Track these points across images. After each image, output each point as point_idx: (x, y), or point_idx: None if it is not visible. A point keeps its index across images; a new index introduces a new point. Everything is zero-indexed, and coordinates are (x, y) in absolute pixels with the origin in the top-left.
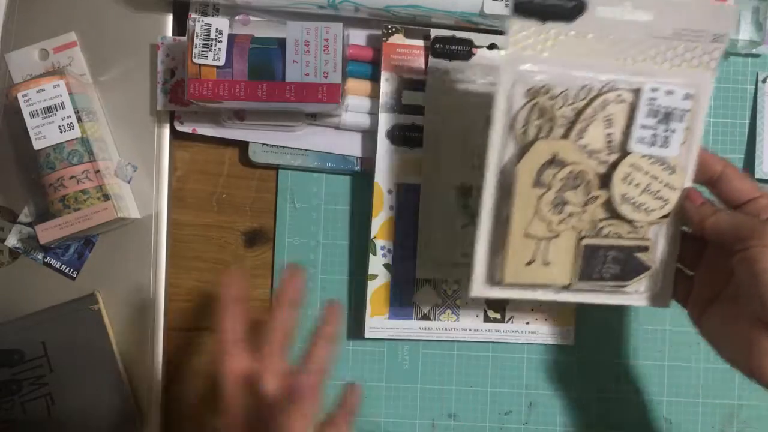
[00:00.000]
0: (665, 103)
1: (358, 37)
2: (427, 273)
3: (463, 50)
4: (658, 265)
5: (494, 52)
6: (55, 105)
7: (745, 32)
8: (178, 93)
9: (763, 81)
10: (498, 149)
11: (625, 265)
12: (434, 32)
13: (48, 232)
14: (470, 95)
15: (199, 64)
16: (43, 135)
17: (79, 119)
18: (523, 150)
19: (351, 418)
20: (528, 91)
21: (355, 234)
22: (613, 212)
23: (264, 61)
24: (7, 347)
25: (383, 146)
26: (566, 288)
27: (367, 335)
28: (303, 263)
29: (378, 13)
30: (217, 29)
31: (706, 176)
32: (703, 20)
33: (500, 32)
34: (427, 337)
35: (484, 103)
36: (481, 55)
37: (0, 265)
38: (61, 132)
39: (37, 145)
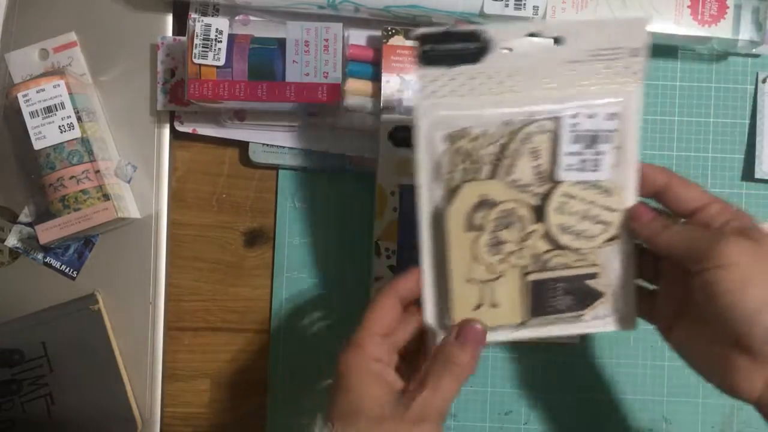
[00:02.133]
0: (588, 126)
1: (359, 37)
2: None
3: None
4: (617, 288)
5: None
6: (55, 105)
7: (745, 32)
8: (178, 93)
9: (763, 81)
10: (427, 197)
11: (577, 294)
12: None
13: (48, 232)
14: None
15: (199, 64)
16: (43, 135)
17: (79, 119)
18: (451, 194)
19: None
20: (447, 135)
21: (358, 235)
22: (555, 243)
23: (264, 61)
24: (7, 347)
25: (385, 148)
26: (522, 325)
27: None
28: (303, 263)
29: (378, 13)
30: (217, 29)
31: (651, 189)
32: (616, 38)
33: None
34: None
35: None
36: None
37: (0, 265)
38: (61, 132)
39: (37, 145)
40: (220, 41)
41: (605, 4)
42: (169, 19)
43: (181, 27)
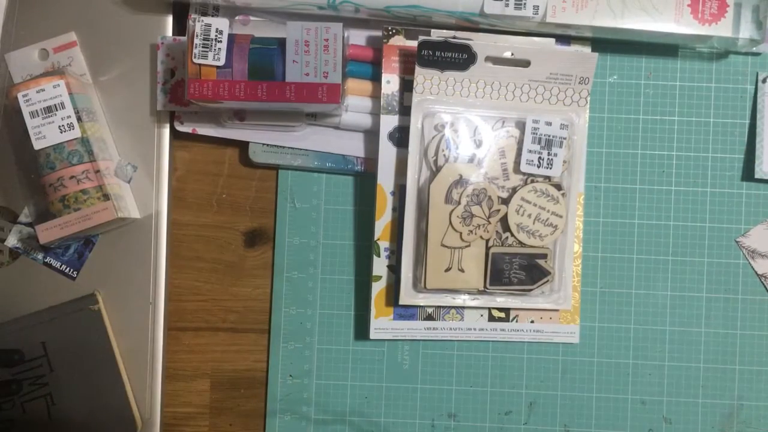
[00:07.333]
0: (546, 131)
1: (359, 37)
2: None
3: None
4: (560, 271)
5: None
6: (55, 105)
7: (746, 31)
8: (178, 93)
9: (763, 81)
10: (415, 173)
11: (529, 270)
12: (434, 32)
13: (48, 232)
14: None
15: (199, 64)
16: (43, 135)
17: (79, 119)
18: (435, 173)
19: None
20: (436, 126)
21: (358, 235)
22: (514, 235)
23: (264, 61)
24: (7, 347)
25: (385, 148)
26: (482, 292)
27: (372, 336)
28: (303, 263)
29: (378, 13)
30: (217, 29)
31: None
32: (570, 66)
33: (502, 32)
34: (432, 337)
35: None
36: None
37: (0, 265)
38: (61, 132)
39: (37, 145)
40: (220, 41)
41: (605, 3)
42: (169, 19)
43: (181, 27)
